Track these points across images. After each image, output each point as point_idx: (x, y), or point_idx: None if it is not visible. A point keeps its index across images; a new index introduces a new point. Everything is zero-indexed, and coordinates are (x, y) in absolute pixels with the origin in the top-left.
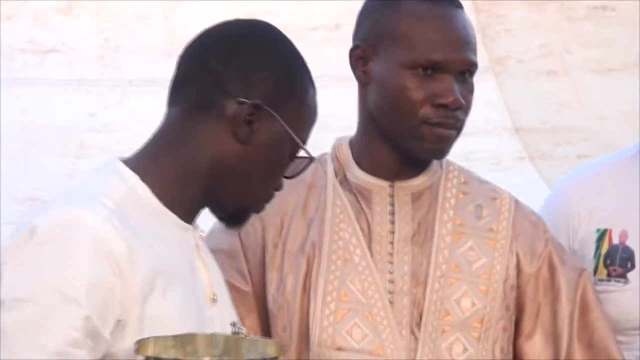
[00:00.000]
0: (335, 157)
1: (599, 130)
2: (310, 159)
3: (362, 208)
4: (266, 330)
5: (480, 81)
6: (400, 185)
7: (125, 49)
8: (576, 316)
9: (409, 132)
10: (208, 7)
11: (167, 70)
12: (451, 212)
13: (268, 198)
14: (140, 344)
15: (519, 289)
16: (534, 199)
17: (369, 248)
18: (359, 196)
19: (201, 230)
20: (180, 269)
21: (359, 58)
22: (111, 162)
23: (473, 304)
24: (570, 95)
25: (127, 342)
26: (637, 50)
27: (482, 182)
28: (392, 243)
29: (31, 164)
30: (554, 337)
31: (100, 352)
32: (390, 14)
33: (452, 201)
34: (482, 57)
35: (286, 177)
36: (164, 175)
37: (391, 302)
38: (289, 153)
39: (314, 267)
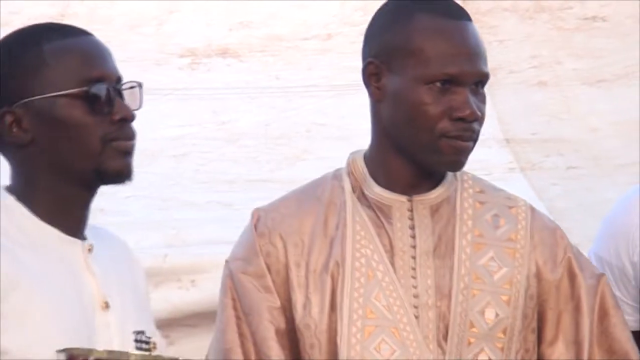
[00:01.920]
0: (351, 173)
1: (589, 142)
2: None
3: (382, 224)
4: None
5: None
6: (419, 199)
7: (116, 57)
8: (596, 322)
9: (427, 146)
10: (200, 17)
11: (159, 79)
12: (470, 223)
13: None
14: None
15: (540, 297)
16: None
17: (392, 263)
18: (379, 212)
19: (89, 244)
20: (57, 278)
21: (373, 74)
22: None
23: (497, 315)
24: (560, 106)
25: None
26: (628, 62)
27: (497, 190)
28: (414, 257)
29: None
30: (576, 344)
31: None
32: (403, 29)
33: (470, 211)
34: None
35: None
36: (40, 195)
37: (417, 317)
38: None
39: (338, 286)
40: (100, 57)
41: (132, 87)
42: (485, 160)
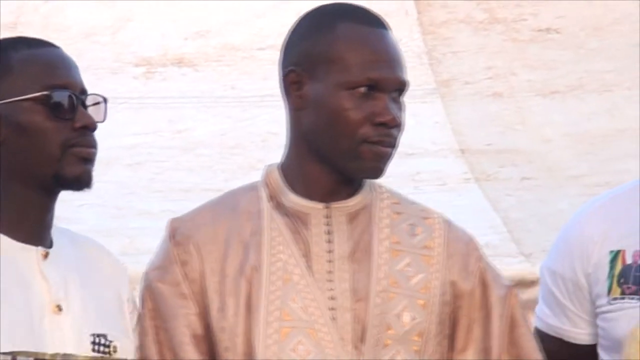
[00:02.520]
0: (267, 184)
1: (542, 153)
2: None
3: (299, 230)
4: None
5: (427, 103)
6: (336, 206)
7: None
8: (505, 332)
9: (348, 152)
10: (156, 26)
11: (114, 88)
12: (387, 231)
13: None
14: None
15: (454, 304)
16: (479, 220)
17: (308, 268)
18: (295, 219)
19: (44, 250)
20: (4, 284)
21: (294, 83)
22: None
23: (413, 318)
24: (515, 117)
25: None
26: (581, 73)
27: (413, 203)
28: (331, 262)
29: None
30: (485, 353)
31: None
32: (324, 37)
33: (387, 220)
34: (428, 79)
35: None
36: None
37: (334, 319)
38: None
39: (254, 289)
40: (64, 67)
41: (97, 103)
42: (440, 170)
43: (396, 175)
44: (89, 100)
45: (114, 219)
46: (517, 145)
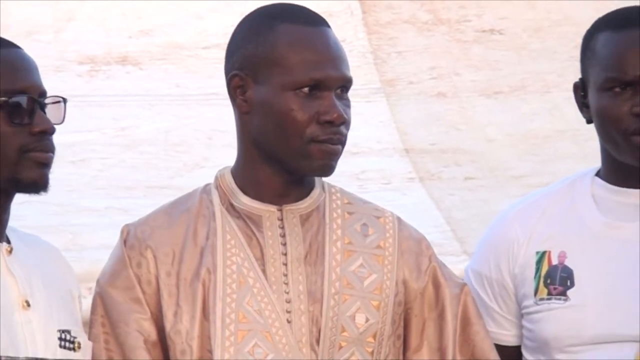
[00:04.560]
0: (219, 186)
1: (485, 153)
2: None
3: (252, 233)
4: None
5: (372, 102)
6: (289, 208)
7: None
8: (459, 330)
9: (297, 152)
10: (98, 23)
11: (57, 85)
12: (339, 232)
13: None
14: None
15: (406, 305)
16: (423, 219)
17: (263, 271)
18: (249, 222)
19: (8, 246)
20: None
21: (238, 87)
22: None
23: (367, 320)
24: (458, 117)
25: None
26: (523, 74)
27: (365, 202)
28: (285, 264)
29: None
30: (439, 351)
31: None
32: (265, 39)
33: (339, 221)
34: (373, 79)
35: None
36: None
37: (289, 321)
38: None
39: (210, 293)
40: (24, 70)
41: (57, 102)
42: (384, 169)
43: (341, 174)
44: (48, 100)
45: (57, 215)
46: (461, 145)
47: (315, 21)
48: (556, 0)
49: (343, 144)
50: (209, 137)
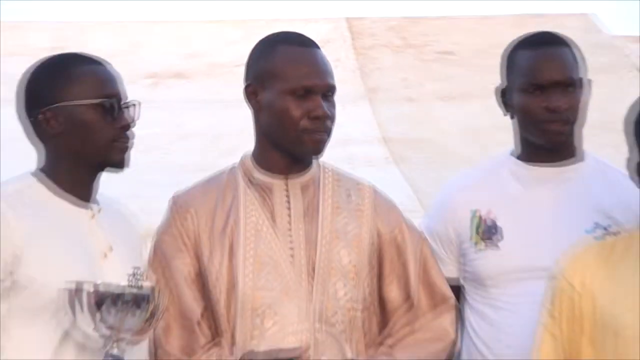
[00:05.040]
0: (242, 166)
1: (442, 141)
2: None
3: (266, 198)
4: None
5: (359, 105)
6: (292, 180)
7: None
8: (420, 271)
9: (293, 140)
10: (160, 48)
11: (130, 94)
12: (329, 197)
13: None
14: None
15: (379, 249)
16: (397, 190)
17: (274, 224)
18: (263, 190)
19: (98, 207)
20: (67, 233)
21: (251, 93)
22: (24, 174)
23: (350, 260)
24: (422, 115)
25: (22, 272)
26: (470, 84)
27: (349, 176)
28: (289, 220)
29: None
30: (406, 287)
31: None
32: (269, 57)
33: (330, 189)
34: (359, 88)
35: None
36: (62, 175)
37: (292, 260)
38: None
39: (234, 241)
40: (112, 81)
41: (133, 105)
42: (368, 154)
43: (336, 158)
44: (127, 104)
45: (131, 188)
46: (424, 136)
47: (306, 43)
48: (495, 29)
49: (329, 133)
50: (240, 131)
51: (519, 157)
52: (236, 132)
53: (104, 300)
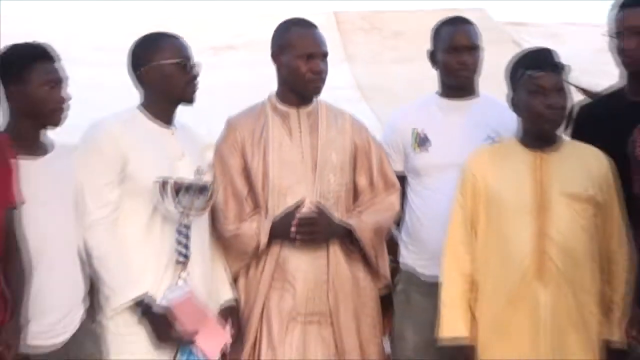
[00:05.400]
0: (269, 100)
1: (396, 89)
2: None
3: (285, 120)
4: (248, 178)
5: (341, 66)
6: (301, 110)
7: None
8: (379, 164)
9: (302, 86)
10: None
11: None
12: (324, 120)
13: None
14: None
15: (355, 153)
16: (366, 119)
17: (291, 138)
18: (283, 116)
19: (175, 128)
20: (157, 144)
21: (276, 56)
22: (131, 107)
23: (337, 159)
24: (383, 73)
25: (129, 168)
26: (415, 52)
27: (337, 109)
28: (301, 135)
29: None
30: (370, 175)
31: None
32: (285, 34)
33: (324, 117)
34: (342, 55)
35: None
36: (154, 108)
37: (303, 160)
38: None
39: (266, 147)
40: (185, 49)
41: (198, 64)
42: (347, 96)
43: (326, 97)
44: (193, 63)
45: (197, 117)
46: (385, 84)
47: (309, 25)
48: (423, 17)
49: (323, 81)
50: (268, 80)
51: (440, 95)
52: (272, 82)
53: (180, 189)
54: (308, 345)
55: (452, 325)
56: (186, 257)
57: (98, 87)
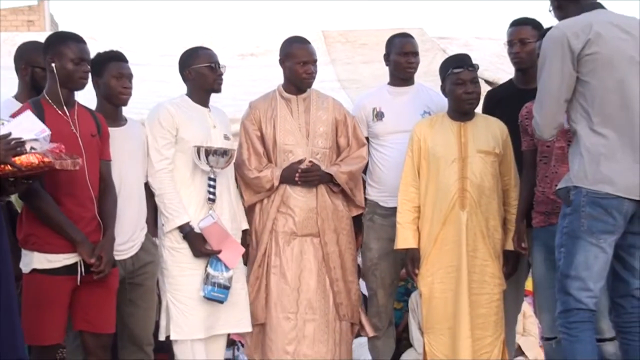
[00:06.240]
0: (278, 90)
1: (366, 81)
2: None
3: (288, 104)
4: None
5: (326, 67)
6: (299, 97)
7: None
8: (352, 130)
9: (299, 82)
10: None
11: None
12: (315, 103)
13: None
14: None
15: (336, 127)
16: (345, 104)
17: (292, 117)
18: (287, 101)
19: (209, 108)
20: (197, 121)
21: (282, 62)
22: (182, 95)
23: (324, 129)
24: (356, 71)
25: (179, 134)
26: (378, 55)
27: (324, 95)
28: (298, 114)
29: None
30: (347, 137)
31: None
32: (288, 47)
33: (315, 101)
34: (327, 58)
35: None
36: (195, 95)
37: (300, 131)
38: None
39: (275, 123)
40: (213, 56)
41: (224, 66)
42: (331, 86)
43: (316, 88)
44: (220, 65)
45: (229, 106)
46: (357, 78)
47: (304, 41)
48: (382, 35)
49: (314, 78)
50: (276, 77)
51: (391, 84)
52: (272, 78)
53: (210, 153)
54: (303, 252)
55: (405, 239)
56: (214, 198)
57: (161, 83)
